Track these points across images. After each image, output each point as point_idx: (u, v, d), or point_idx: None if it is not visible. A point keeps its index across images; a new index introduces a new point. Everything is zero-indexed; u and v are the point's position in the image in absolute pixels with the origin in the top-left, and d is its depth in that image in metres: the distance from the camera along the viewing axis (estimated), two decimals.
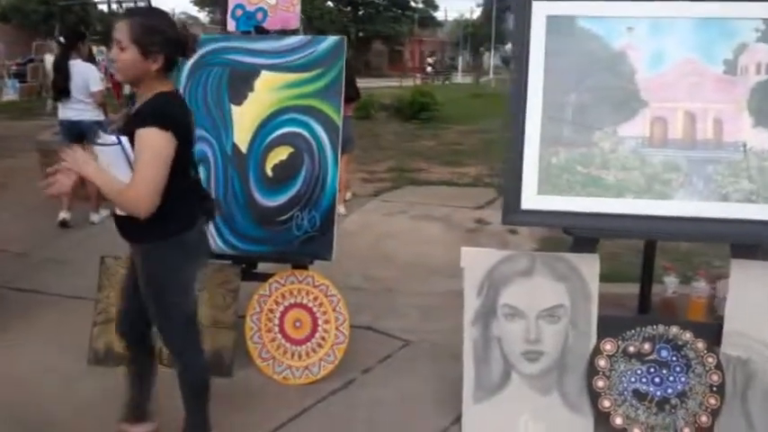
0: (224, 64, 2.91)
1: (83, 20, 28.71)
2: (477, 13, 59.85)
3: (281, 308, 2.89)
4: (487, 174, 7.26)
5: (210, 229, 2.93)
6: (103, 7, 23.79)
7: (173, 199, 1.91)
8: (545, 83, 2.39)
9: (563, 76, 2.39)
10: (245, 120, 2.89)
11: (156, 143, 1.83)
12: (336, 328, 2.81)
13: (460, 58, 48.23)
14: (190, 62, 2.92)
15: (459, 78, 37.61)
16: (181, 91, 2.94)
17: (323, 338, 2.82)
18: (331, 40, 2.87)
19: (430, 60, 36.94)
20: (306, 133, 2.87)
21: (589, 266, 2.42)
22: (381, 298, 3.75)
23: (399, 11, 45.54)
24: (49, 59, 10.02)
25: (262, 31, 2.92)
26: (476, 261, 2.47)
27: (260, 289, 2.91)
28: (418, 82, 28.65)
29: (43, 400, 2.65)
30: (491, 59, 49.45)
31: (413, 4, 46.58)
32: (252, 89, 2.88)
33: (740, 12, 2.32)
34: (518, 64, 2.41)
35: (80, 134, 4.81)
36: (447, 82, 33.52)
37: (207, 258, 2.32)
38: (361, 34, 39.77)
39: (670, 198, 2.35)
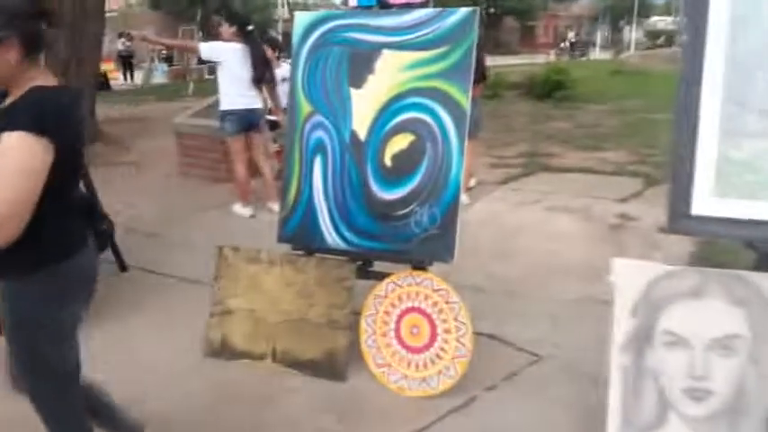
0: (344, 43, 2.67)
1: (224, 4, 30.36)
2: None
3: (398, 311, 2.64)
4: (632, 161, 6.52)
5: (326, 222, 2.75)
6: None
7: (46, 221, 1.52)
8: (727, 58, 1.90)
9: (750, 50, 1.88)
10: (364, 105, 2.65)
11: (23, 151, 1.44)
12: (457, 340, 2.52)
13: (599, 33, 45.30)
14: (309, 42, 2.73)
15: (597, 54, 35.31)
16: (299, 73, 2.77)
17: (442, 349, 2.54)
18: (461, 12, 2.52)
19: (571, 36, 34.91)
20: (429, 119, 2.57)
21: None
22: (506, 301, 3.39)
23: None
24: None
25: (385, 6, 2.65)
26: (630, 275, 2.05)
27: (376, 289, 2.68)
28: (552, 58, 27.19)
29: (159, 391, 2.62)
30: (632, 34, 45.96)
31: None
32: (372, 71, 2.62)
33: None
34: (692, 34, 1.93)
35: None
36: (584, 58, 31.55)
37: (91, 295, 1.83)
38: (492, 10, 38.46)
39: None
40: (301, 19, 2.79)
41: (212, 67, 20.46)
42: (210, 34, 20.42)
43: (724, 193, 1.90)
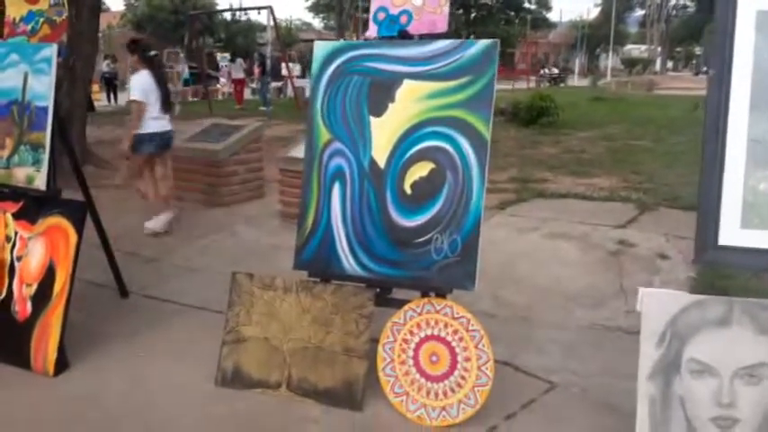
0: (365, 72, 2.69)
1: (208, 27, 30.46)
2: (593, 13, 57.39)
3: (417, 339, 2.63)
4: (622, 186, 6.64)
5: (345, 248, 2.74)
6: (227, 15, 25.03)
7: None
8: (753, 92, 1.96)
9: None
10: (384, 132, 2.67)
11: None
12: (478, 368, 2.51)
13: (577, 60, 46.31)
14: (329, 70, 2.75)
15: (575, 81, 36.05)
16: (318, 101, 2.79)
17: (463, 378, 2.53)
18: (482, 44, 2.57)
19: (554, 69, 35.60)
20: (450, 148, 2.60)
21: None
22: (517, 328, 3.40)
23: (512, 12, 44.52)
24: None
25: (406, 36, 2.68)
26: (657, 304, 2.08)
27: (394, 316, 2.67)
28: (532, 85, 27.70)
29: (172, 422, 2.56)
30: (609, 61, 47.10)
31: (526, 5, 45.39)
32: (393, 100, 2.65)
33: None
34: (719, 69, 1.99)
35: None
36: (563, 84, 32.19)
37: None
38: (472, 37, 39.18)
39: None
40: (321, 47, 2.82)
41: (197, 89, 20.37)
42: (193, 58, 20.52)
43: (753, 225, 1.94)
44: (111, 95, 19.56)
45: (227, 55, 24.08)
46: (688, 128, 11.41)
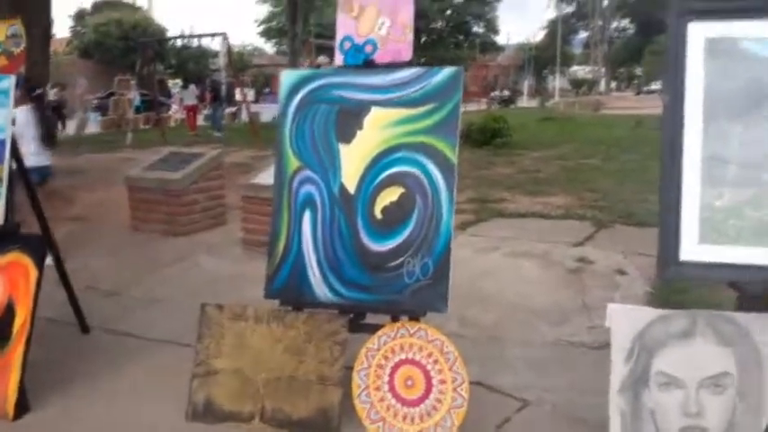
0: (332, 101, 2.73)
1: (159, 54, 30.07)
2: (539, 36, 59.37)
3: (392, 363, 2.64)
4: (577, 205, 6.84)
5: (316, 275, 2.74)
6: (178, 42, 24.79)
7: None
8: (705, 113, 2.08)
9: (726, 106, 2.08)
10: (353, 159, 2.70)
11: None
12: (454, 390, 2.53)
13: (525, 82, 47.65)
14: (297, 99, 2.77)
15: (524, 102, 37.03)
16: (287, 129, 2.81)
17: (438, 401, 2.55)
18: (446, 71, 2.64)
19: (505, 91, 36.48)
20: (418, 172, 2.65)
21: (762, 328, 2.06)
22: (486, 347, 3.45)
23: (461, 36, 45.62)
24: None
25: (372, 65, 2.73)
26: (624, 320, 2.15)
27: (368, 342, 2.68)
28: (483, 107, 28.33)
29: None
30: (556, 82, 48.65)
31: (475, 29, 46.59)
32: (361, 127, 2.69)
33: None
34: (672, 93, 2.11)
35: None
36: (512, 105, 33.04)
37: None
38: (423, 60, 39.90)
39: None
40: (288, 76, 2.84)
41: (148, 117, 20.05)
42: (144, 85, 20.22)
43: (710, 240, 2.04)
44: (60, 124, 19.04)
45: (179, 81, 23.84)
46: (635, 146, 11.86)
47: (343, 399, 2.63)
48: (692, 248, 2.07)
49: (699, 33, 2.10)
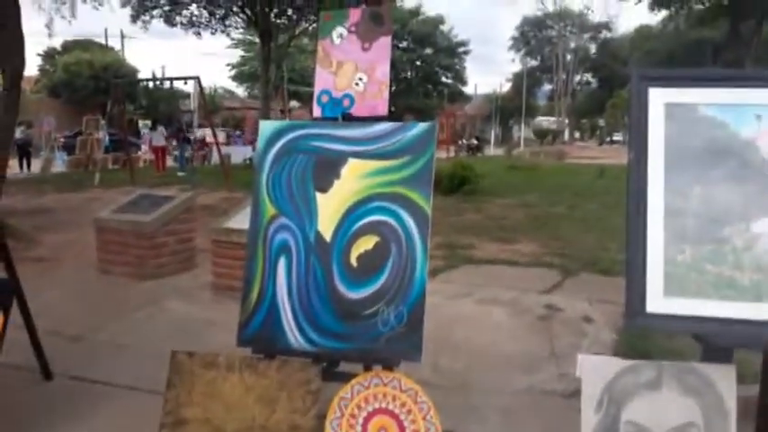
0: (310, 151, 2.79)
1: (129, 94, 30.00)
2: (506, 87, 61.27)
3: (365, 413, 2.63)
4: (544, 252, 6.99)
5: (290, 322, 2.74)
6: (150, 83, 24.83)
7: None
8: (666, 172, 2.20)
9: (686, 167, 2.20)
10: (330, 207, 2.75)
11: None
12: None
13: (492, 131, 48.85)
14: (275, 148, 2.83)
15: (491, 151, 37.87)
16: (263, 177, 2.85)
17: None
18: (421, 126, 2.74)
19: (473, 140, 37.26)
20: (393, 222, 2.70)
21: (725, 379, 2.14)
22: (457, 396, 3.46)
23: (430, 86, 46.78)
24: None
25: (349, 119, 2.81)
26: (595, 370, 2.21)
27: (341, 391, 2.67)
28: (452, 155, 28.86)
29: None
30: (522, 132, 49.98)
31: (443, 79, 47.86)
32: (338, 176, 2.75)
33: None
34: (636, 151, 2.23)
35: None
36: (480, 154, 33.73)
37: None
38: (392, 109, 40.68)
39: None
40: (267, 126, 2.90)
41: (117, 157, 19.83)
42: (114, 125, 20.09)
43: (674, 293, 2.13)
44: (25, 162, 18.72)
45: (149, 122, 23.75)
46: (599, 195, 12.23)
47: None
48: (657, 301, 2.15)
49: (658, 98, 2.24)
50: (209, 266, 5.40)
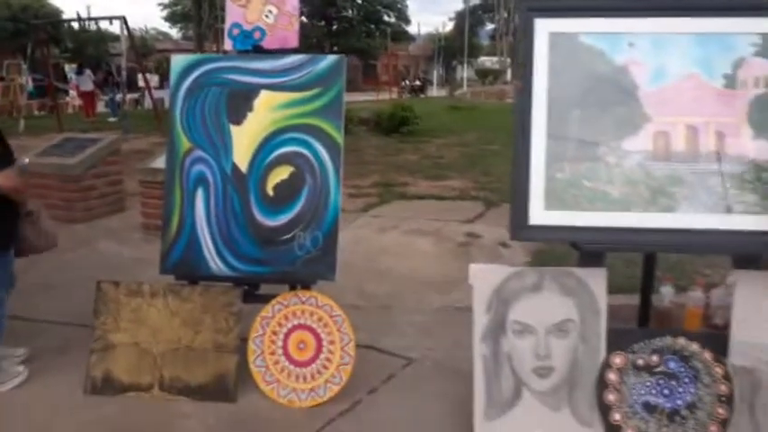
0: (222, 84, 2.87)
1: (53, 37, 28.34)
2: (449, 27, 60.74)
3: (285, 330, 2.84)
4: (472, 187, 7.28)
5: (211, 250, 2.89)
6: (75, 24, 23.49)
7: None
8: (549, 99, 2.41)
9: (566, 92, 2.41)
10: (244, 139, 2.86)
11: None
12: (342, 349, 2.77)
13: (435, 72, 48.69)
14: (187, 82, 2.89)
15: (434, 92, 37.90)
16: (177, 111, 2.92)
17: (328, 360, 2.78)
18: (331, 59, 2.85)
19: (416, 81, 36.92)
20: (307, 152, 2.85)
21: (597, 281, 2.43)
22: (379, 315, 3.72)
23: (372, 26, 45.92)
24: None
25: (260, 51, 2.89)
26: (484, 277, 2.46)
27: (263, 311, 2.86)
28: (395, 96, 28.78)
29: None
30: (464, 72, 50.03)
31: (386, 18, 47.02)
32: (251, 109, 2.85)
33: (737, 27, 2.37)
34: (524, 81, 2.42)
35: None
36: (423, 95, 33.73)
37: None
38: (335, 49, 39.91)
39: (674, 211, 2.37)
40: (179, 61, 2.95)
41: (43, 103, 18.92)
42: (36, 69, 19.03)
43: (554, 206, 2.38)
44: None
45: (75, 65, 22.63)
46: None
47: (239, 366, 2.81)
48: (539, 214, 2.40)
49: (543, 28, 2.42)
50: (139, 208, 5.42)
